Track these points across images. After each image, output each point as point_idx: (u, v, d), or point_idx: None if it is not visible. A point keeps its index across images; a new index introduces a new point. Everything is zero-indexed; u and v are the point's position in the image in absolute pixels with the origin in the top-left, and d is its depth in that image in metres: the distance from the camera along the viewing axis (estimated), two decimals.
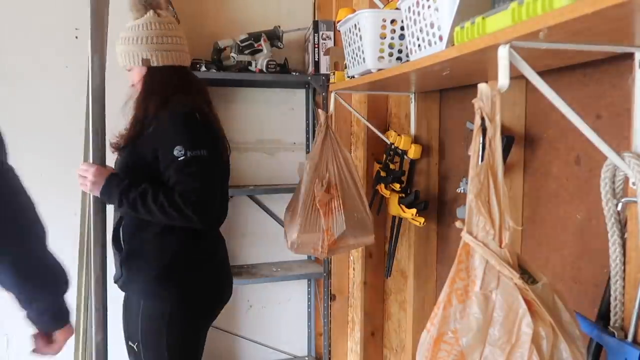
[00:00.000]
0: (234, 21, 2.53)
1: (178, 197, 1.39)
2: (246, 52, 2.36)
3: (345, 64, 1.65)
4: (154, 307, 1.52)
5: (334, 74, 1.85)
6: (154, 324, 1.52)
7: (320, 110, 1.85)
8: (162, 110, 1.48)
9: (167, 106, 1.48)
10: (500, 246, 0.79)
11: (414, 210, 1.64)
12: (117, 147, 1.58)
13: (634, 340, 0.88)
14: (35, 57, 2.16)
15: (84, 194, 1.75)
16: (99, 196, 1.48)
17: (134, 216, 1.48)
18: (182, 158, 1.40)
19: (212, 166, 1.44)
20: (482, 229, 0.79)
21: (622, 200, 0.91)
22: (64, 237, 2.19)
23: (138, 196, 1.42)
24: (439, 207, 1.79)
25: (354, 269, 2.60)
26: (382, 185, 1.80)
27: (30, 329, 1.69)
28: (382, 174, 1.81)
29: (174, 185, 1.42)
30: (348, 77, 1.66)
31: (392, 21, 1.37)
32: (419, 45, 1.15)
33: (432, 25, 1.06)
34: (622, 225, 0.92)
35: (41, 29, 2.15)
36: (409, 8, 1.17)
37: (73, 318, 1.44)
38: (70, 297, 1.35)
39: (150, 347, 1.53)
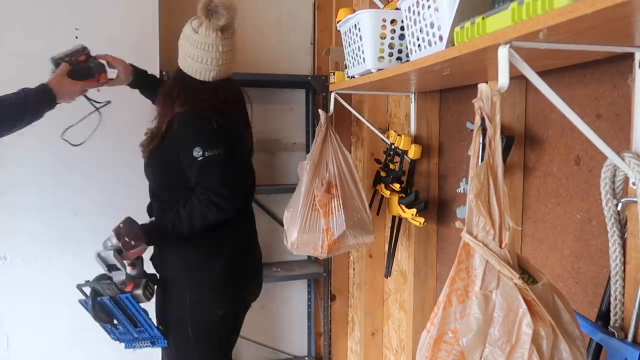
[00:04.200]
0: (236, 21, 2.53)
1: (204, 194, 1.56)
2: None
3: (345, 64, 1.65)
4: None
5: (334, 74, 1.85)
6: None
7: (320, 110, 1.84)
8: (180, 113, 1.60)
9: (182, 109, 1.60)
10: (500, 246, 0.79)
11: (414, 210, 1.64)
12: (146, 151, 1.69)
13: (634, 340, 0.88)
14: (35, 57, 2.15)
15: None
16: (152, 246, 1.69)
17: (186, 237, 1.61)
18: (200, 158, 1.53)
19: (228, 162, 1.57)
20: (482, 229, 0.79)
21: (622, 200, 0.91)
22: (64, 237, 2.20)
23: (170, 223, 1.59)
24: (439, 207, 1.79)
25: (354, 269, 2.60)
26: (382, 185, 1.80)
27: (30, 330, 1.70)
28: (382, 174, 1.81)
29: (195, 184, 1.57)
30: (348, 77, 1.66)
31: (392, 21, 1.37)
32: (419, 45, 1.15)
33: (432, 25, 1.06)
34: (622, 225, 0.92)
35: (41, 29, 2.15)
36: (409, 8, 1.17)
37: None
38: None
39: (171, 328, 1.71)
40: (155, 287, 1.70)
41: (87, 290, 1.62)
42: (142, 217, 1.76)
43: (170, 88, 1.66)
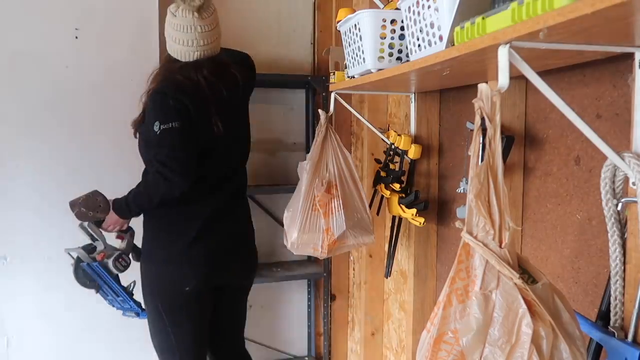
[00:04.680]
0: (236, 21, 2.53)
1: (155, 166, 1.60)
2: None
3: (345, 64, 1.65)
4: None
5: (334, 74, 1.84)
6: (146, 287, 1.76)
7: (320, 110, 1.84)
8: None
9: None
10: (500, 246, 0.79)
11: (414, 210, 1.64)
12: (134, 129, 1.77)
13: (634, 340, 0.88)
14: (36, 57, 2.15)
15: None
16: (124, 219, 1.74)
17: (149, 209, 1.70)
18: (157, 132, 1.58)
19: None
20: (482, 229, 0.79)
21: (622, 200, 0.91)
22: (64, 237, 2.20)
23: (131, 195, 1.66)
24: (439, 207, 1.79)
25: (354, 269, 2.60)
26: (382, 185, 1.80)
27: (30, 330, 1.70)
28: (382, 174, 1.81)
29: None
30: (348, 77, 1.66)
31: (392, 21, 1.37)
32: (419, 45, 1.15)
33: (432, 25, 1.06)
34: (622, 225, 0.92)
35: (41, 29, 2.15)
36: (409, 8, 1.17)
37: None
38: None
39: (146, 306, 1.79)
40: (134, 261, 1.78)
41: (74, 254, 1.72)
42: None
43: (155, 72, 1.73)
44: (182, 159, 1.58)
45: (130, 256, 1.76)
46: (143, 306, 1.80)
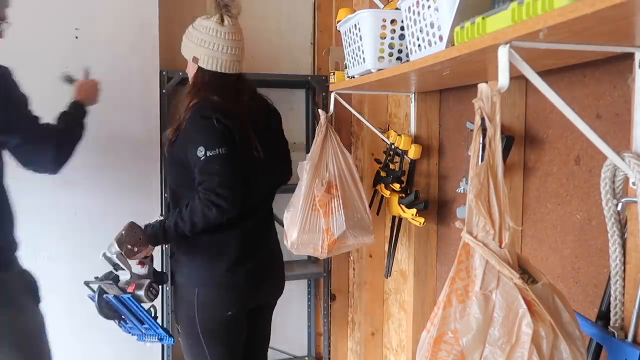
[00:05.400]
0: None
1: (202, 194, 1.54)
2: None
3: (345, 64, 1.65)
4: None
5: (334, 74, 1.85)
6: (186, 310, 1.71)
7: (320, 110, 1.84)
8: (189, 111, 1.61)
9: (192, 108, 1.61)
10: (500, 246, 0.79)
11: (414, 210, 1.64)
12: (167, 148, 1.71)
13: (634, 340, 0.88)
14: (35, 57, 2.15)
15: None
16: (156, 246, 1.68)
17: (190, 236, 1.61)
18: (202, 158, 1.53)
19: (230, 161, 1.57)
20: (482, 229, 0.79)
21: (622, 200, 0.91)
22: (64, 237, 2.20)
23: (171, 223, 1.60)
24: (439, 207, 1.79)
25: (354, 269, 2.60)
26: (382, 185, 1.80)
27: None
28: (382, 174, 1.81)
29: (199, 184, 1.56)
30: (348, 77, 1.66)
31: (392, 21, 1.37)
32: (419, 45, 1.15)
33: (432, 25, 1.06)
34: (622, 225, 0.92)
35: (41, 29, 2.15)
36: (409, 8, 1.17)
37: None
38: None
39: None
40: (161, 287, 1.71)
41: (95, 286, 1.65)
42: (142, 217, 1.76)
43: (189, 86, 1.70)
44: (231, 185, 1.54)
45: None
46: (168, 329, 1.75)
